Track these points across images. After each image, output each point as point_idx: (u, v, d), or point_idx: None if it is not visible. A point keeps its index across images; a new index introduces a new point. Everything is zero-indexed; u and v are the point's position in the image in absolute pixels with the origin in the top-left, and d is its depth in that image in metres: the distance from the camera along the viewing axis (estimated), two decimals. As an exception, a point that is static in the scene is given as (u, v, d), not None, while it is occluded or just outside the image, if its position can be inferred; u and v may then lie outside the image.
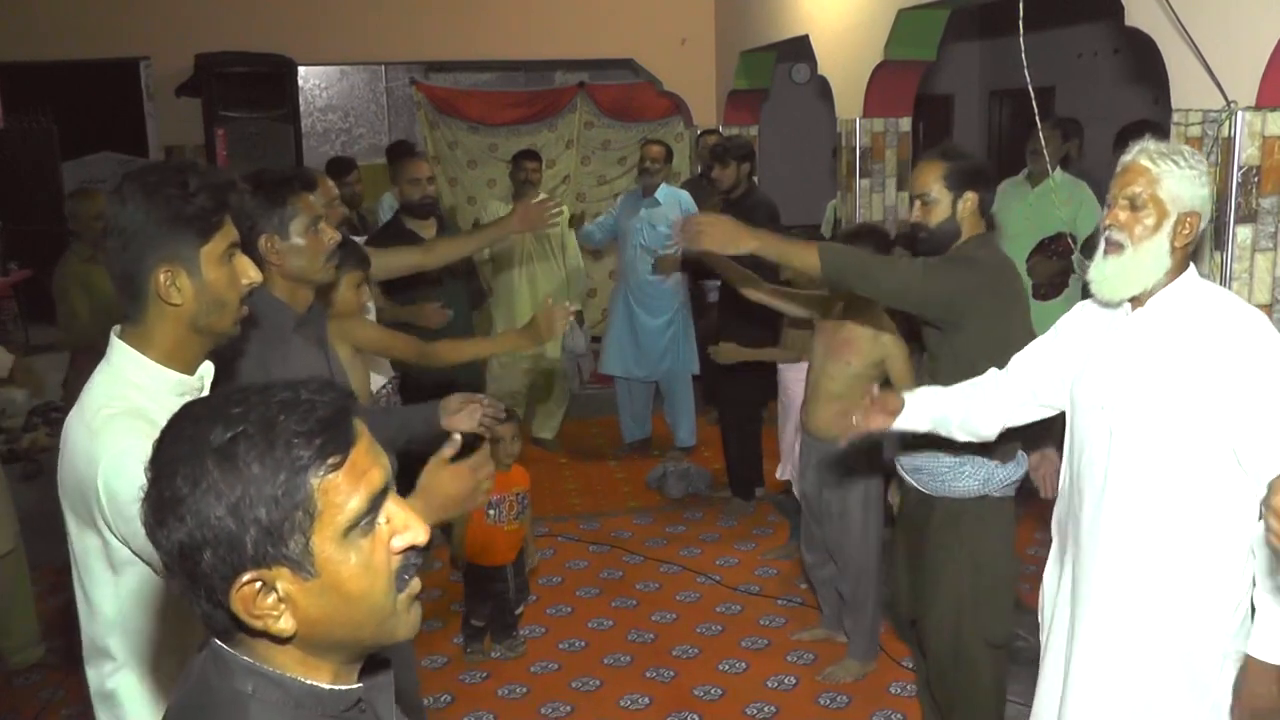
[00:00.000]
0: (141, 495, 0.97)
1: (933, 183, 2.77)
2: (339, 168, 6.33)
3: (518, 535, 3.87)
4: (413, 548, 1.01)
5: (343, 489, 0.96)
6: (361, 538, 0.98)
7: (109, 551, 1.66)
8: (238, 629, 0.98)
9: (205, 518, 0.93)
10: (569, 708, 3.59)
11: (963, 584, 2.79)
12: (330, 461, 0.95)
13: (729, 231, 2.67)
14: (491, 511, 3.74)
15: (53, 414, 6.04)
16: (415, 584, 1.03)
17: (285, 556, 0.94)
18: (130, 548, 1.63)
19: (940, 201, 2.76)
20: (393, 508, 1.01)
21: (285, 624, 0.97)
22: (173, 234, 1.65)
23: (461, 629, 3.92)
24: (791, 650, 3.93)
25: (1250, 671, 2.03)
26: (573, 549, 4.91)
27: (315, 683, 1.01)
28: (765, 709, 3.55)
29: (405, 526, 1.01)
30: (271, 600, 0.96)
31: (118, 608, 1.70)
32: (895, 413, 2.41)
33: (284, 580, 0.95)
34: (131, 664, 1.73)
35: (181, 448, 0.95)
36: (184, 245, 1.66)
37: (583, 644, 4.03)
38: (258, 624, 0.96)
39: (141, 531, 1.53)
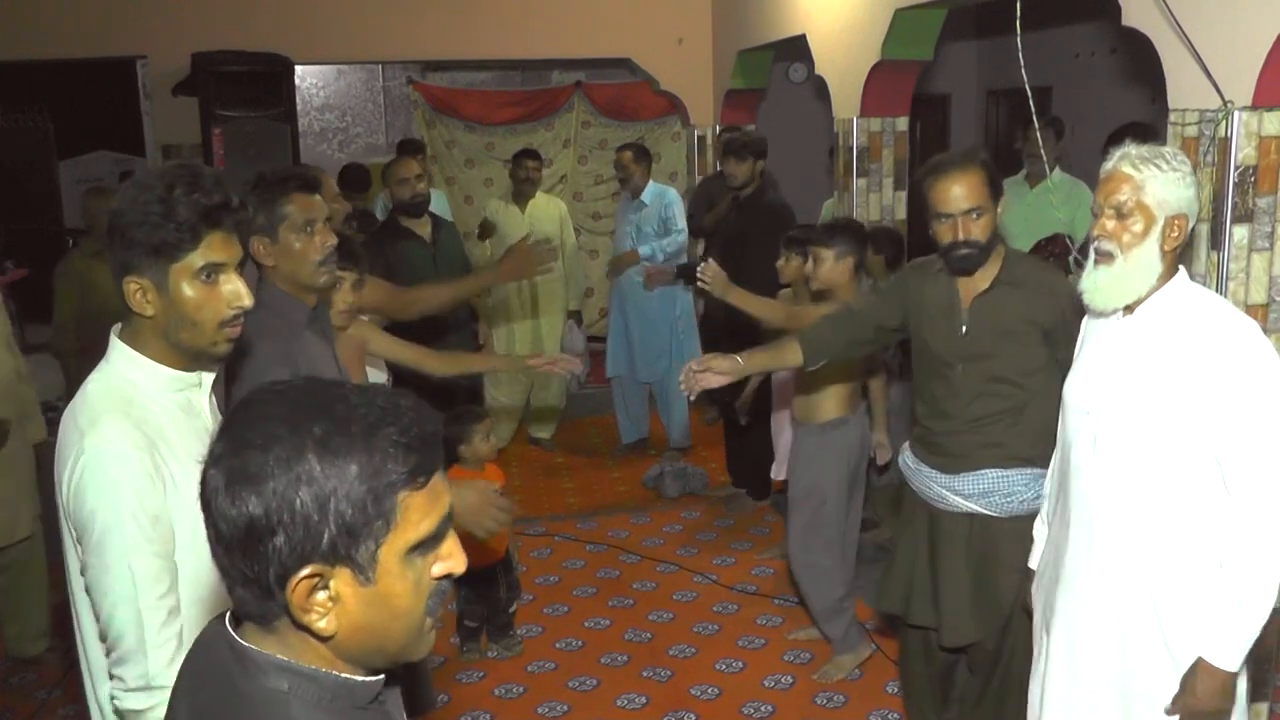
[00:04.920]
0: (211, 460, 0.97)
1: (981, 195, 2.56)
2: (359, 181, 6.25)
3: (502, 532, 3.85)
4: (447, 576, 1.04)
5: (420, 508, 0.98)
6: (419, 558, 1.00)
7: None
8: (278, 617, 0.99)
9: (289, 501, 0.93)
10: (566, 707, 3.59)
11: (1023, 592, 2.61)
12: (419, 480, 0.97)
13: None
14: None
15: (49, 414, 6.01)
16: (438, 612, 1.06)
17: (353, 559, 0.96)
18: (78, 548, 1.60)
19: (988, 213, 2.57)
20: None
21: (328, 624, 0.98)
22: (141, 247, 1.60)
23: (456, 629, 3.92)
24: (789, 649, 3.93)
25: (1200, 673, 2.00)
26: (570, 548, 4.91)
27: (347, 675, 1.03)
28: (762, 708, 3.55)
29: (449, 555, 1.03)
30: (322, 597, 0.97)
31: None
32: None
33: (341, 581, 0.97)
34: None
35: (278, 427, 0.95)
36: (151, 259, 1.60)
37: (580, 643, 4.03)
38: (303, 618, 0.97)
39: (92, 531, 1.53)
